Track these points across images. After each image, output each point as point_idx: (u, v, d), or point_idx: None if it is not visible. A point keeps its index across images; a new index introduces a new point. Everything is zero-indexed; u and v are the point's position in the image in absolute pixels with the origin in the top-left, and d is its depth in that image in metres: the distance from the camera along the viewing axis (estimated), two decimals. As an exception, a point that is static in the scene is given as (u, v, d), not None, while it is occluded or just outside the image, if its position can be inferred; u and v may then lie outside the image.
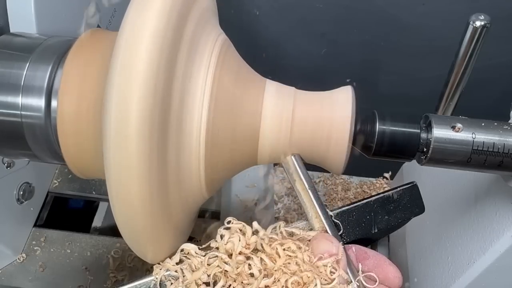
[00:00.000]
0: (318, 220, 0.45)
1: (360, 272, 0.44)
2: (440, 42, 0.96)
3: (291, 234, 0.45)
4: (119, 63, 0.38)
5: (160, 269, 0.44)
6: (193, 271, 0.42)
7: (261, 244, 0.42)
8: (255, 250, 0.43)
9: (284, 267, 0.40)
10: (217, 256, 0.42)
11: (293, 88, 0.49)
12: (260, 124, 0.46)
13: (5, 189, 0.67)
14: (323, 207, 0.45)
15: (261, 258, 0.41)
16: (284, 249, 0.42)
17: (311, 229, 0.45)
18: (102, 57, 0.46)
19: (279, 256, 0.41)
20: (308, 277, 0.39)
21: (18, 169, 0.67)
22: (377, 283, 0.44)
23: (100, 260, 0.74)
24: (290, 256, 0.41)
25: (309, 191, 0.45)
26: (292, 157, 0.47)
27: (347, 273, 0.42)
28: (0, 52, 0.49)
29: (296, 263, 0.41)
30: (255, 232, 0.44)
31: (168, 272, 0.43)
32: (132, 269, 0.72)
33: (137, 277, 0.45)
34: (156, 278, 0.44)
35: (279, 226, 0.45)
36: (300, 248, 0.42)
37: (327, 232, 0.44)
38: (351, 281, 0.42)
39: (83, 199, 0.89)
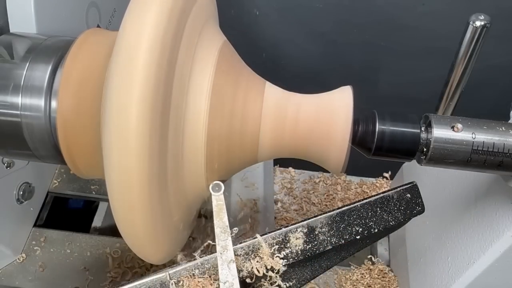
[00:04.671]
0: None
1: None
2: (440, 42, 0.96)
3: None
4: (119, 64, 0.38)
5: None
6: None
7: None
8: None
9: None
10: None
11: (292, 92, 0.49)
12: (260, 125, 0.46)
13: (5, 189, 0.67)
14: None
15: None
16: None
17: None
18: (102, 57, 0.46)
19: None
20: None
21: (18, 169, 0.67)
22: None
23: (100, 260, 0.74)
24: None
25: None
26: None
27: None
28: (0, 52, 0.49)
29: None
30: None
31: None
32: (131, 269, 0.72)
33: (136, 277, 0.45)
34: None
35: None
36: None
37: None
38: None
39: (83, 199, 0.89)
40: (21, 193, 0.70)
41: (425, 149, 0.45)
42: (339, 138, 0.45)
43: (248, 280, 0.44)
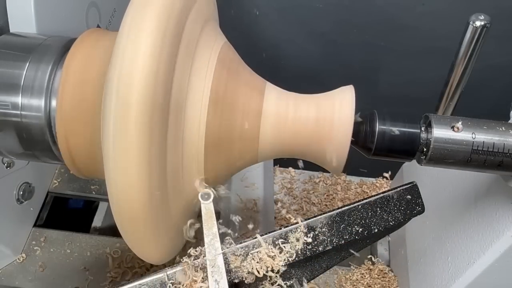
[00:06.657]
0: None
1: None
2: (440, 42, 0.96)
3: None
4: (119, 64, 0.38)
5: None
6: None
7: None
8: None
9: None
10: None
11: (292, 92, 0.49)
12: (261, 125, 0.46)
13: (5, 189, 0.67)
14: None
15: None
16: None
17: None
18: (101, 57, 0.46)
19: None
20: None
21: (18, 169, 0.67)
22: None
23: (100, 260, 0.74)
24: None
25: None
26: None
27: None
28: (0, 52, 0.49)
29: None
30: None
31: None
32: (131, 269, 0.72)
33: (136, 277, 0.45)
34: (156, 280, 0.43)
35: None
36: None
37: None
38: None
39: (83, 199, 0.89)
40: (21, 193, 0.70)
41: (425, 149, 0.45)
42: (340, 139, 0.45)
43: (248, 281, 0.44)
